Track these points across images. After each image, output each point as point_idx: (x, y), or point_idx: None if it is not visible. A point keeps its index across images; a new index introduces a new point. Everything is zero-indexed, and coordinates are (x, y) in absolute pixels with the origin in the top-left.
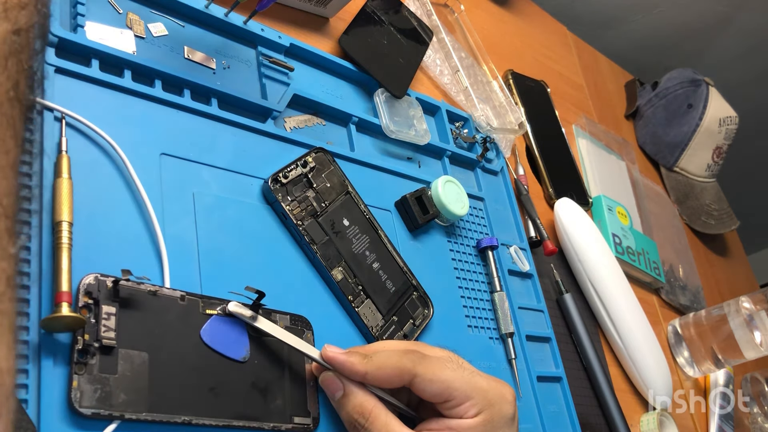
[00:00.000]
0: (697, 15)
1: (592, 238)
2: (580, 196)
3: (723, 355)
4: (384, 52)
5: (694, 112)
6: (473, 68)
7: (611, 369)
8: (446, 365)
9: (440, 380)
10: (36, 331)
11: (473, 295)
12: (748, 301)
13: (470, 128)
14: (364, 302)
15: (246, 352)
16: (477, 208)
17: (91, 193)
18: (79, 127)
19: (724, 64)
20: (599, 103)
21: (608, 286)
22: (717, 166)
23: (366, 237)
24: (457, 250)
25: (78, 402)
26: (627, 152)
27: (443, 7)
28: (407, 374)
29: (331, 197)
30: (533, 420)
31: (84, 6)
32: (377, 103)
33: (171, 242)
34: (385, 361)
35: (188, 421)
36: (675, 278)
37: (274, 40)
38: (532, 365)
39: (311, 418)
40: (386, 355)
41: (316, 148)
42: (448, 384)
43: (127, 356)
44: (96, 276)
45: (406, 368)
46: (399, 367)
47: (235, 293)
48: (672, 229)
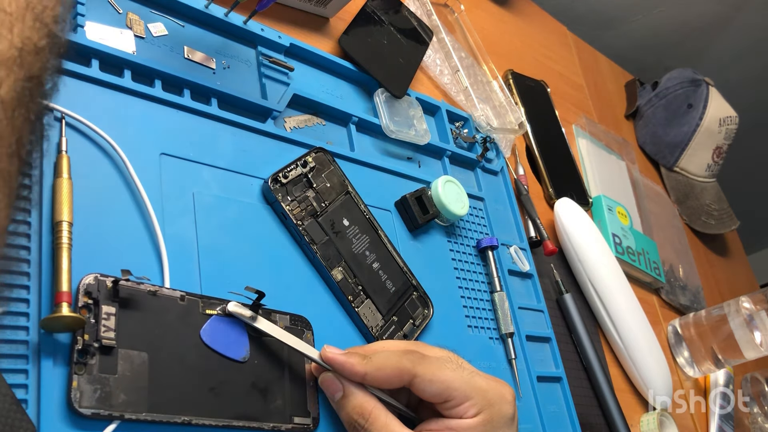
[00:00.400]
0: (697, 15)
1: (592, 238)
2: (580, 196)
3: (723, 355)
4: (384, 52)
5: (694, 112)
6: (473, 68)
7: (611, 369)
8: (446, 365)
9: (440, 380)
10: (36, 331)
11: (473, 295)
12: (748, 301)
13: (470, 128)
14: (364, 302)
15: (246, 352)
16: (477, 208)
17: (91, 193)
18: (79, 127)
19: (724, 64)
20: (599, 103)
21: (608, 286)
22: (717, 166)
23: (366, 237)
24: (457, 250)
25: (78, 402)
26: (627, 152)
27: (443, 7)
28: (407, 374)
29: (331, 197)
30: (533, 420)
31: (84, 6)
32: (377, 103)
33: (171, 242)
34: (384, 362)
35: (188, 422)
36: (675, 278)
37: (274, 40)
38: (532, 365)
39: (311, 418)
40: (386, 355)
41: (316, 148)
42: (448, 384)
43: (127, 356)
44: (96, 276)
45: (405, 369)
46: (399, 367)
47: (234, 293)
48: (672, 229)
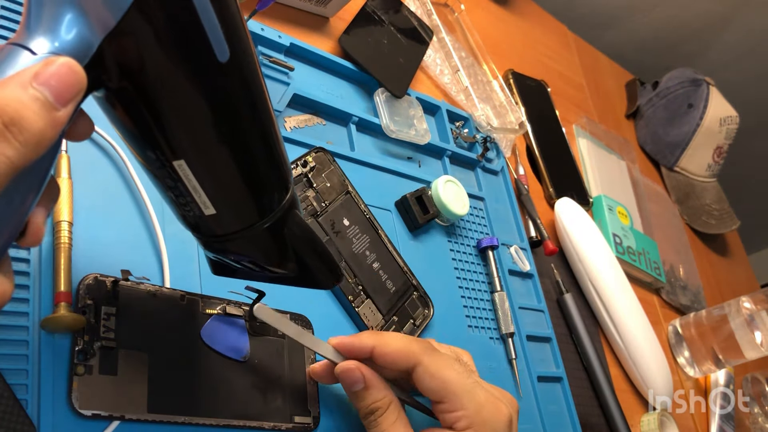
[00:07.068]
0: (697, 15)
1: (592, 238)
2: (580, 196)
3: (723, 355)
4: (384, 52)
5: (695, 111)
6: (473, 68)
7: (612, 369)
8: (452, 365)
9: (440, 377)
10: (36, 331)
11: (473, 295)
12: (749, 301)
13: (470, 128)
14: (364, 302)
15: (246, 352)
16: (477, 208)
17: (91, 193)
18: None
19: (724, 64)
20: (600, 102)
21: (609, 286)
22: (717, 165)
23: (366, 237)
24: (458, 250)
25: (78, 402)
26: (627, 152)
27: (443, 6)
28: (412, 358)
29: (331, 197)
30: (534, 420)
31: None
32: (377, 102)
33: (171, 242)
34: (394, 340)
35: (188, 421)
36: (675, 278)
37: (274, 39)
38: (532, 365)
39: (311, 417)
40: (397, 336)
41: (316, 148)
42: (447, 385)
43: (127, 356)
44: (96, 276)
45: (412, 352)
46: (406, 349)
47: (235, 293)
48: (672, 229)
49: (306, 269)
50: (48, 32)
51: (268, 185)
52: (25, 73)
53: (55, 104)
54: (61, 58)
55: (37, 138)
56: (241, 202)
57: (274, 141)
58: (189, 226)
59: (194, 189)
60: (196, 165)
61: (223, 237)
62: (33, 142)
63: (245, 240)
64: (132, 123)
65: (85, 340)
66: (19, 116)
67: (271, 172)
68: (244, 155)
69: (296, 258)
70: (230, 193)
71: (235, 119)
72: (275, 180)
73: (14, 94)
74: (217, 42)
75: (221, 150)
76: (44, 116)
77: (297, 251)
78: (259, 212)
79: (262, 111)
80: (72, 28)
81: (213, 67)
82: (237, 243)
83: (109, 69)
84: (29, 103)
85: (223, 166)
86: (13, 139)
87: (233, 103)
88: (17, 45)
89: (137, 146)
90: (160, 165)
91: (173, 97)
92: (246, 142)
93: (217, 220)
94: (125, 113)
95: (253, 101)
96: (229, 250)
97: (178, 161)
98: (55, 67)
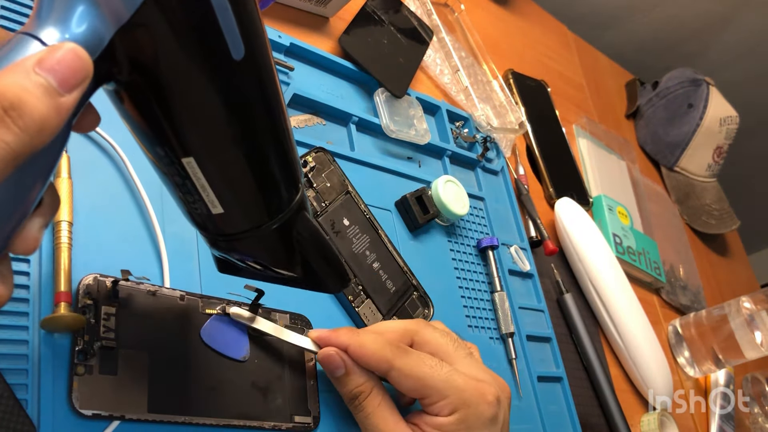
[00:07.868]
0: (697, 15)
1: (592, 238)
2: (580, 196)
3: (723, 355)
4: (384, 52)
5: (695, 111)
6: (473, 68)
7: (612, 369)
8: (424, 361)
9: (416, 377)
10: (36, 331)
11: (473, 295)
12: (749, 301)
13: (470, 128)
14: (364, 302)
15: (246, 352)
16: (477, 208)
17: (91, 193)
18: None
19: (724, 64)
20: (599, 102)
21: (609, 286)
22: (717, 165)
23: (366, 237)
24: (458, 250)
25: (78, 402)
26: (627, 152)
27: (443, 6)
28: (384, 363)
29: (331, 197)
30: (534, 420)
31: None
32: (377, 102)
33: (171, 242)
34: (368, 343)
35: (188, 421)
36: (675, 278)
37: (274, 39)
38: (532, 365)
39: (312, 417)
40: (373, 338)
41: (316, 148)
42: (424, 382)
43: (127, 356)
44: (96, 276)
45: (384, 358)
46: (379, 354)
47: (234, 293)
48: (672, 229)
49: (313, 272)
50: (59, 23)
51: (277, 186)
52: (28, 60)
53: (59, 90)
54: (66, 44)
55: (38, 124)
56: (250, 202)
57: (287, 141)
58: (196, 224)
59: (202, 187)
60: (206, 163)
61: (231, 236)
62: (35, 128)
63: (253, 240)
64: (141, 118)
65: (85, 340)
66: (20, 101)
67: (281, 172)
68: (255, 155)
69: (303, 261)
70: (239, 193)
71: (248, 119)
72: (285, 181)
73: (16, 79)
74: (233, 39)
75: (231, 149)
76: (47, 102)
77: (305, 254)
78: (268, 213)
79: (275, 111)
80: (84, 20)
81: (227, 65)
82: (244, 243)
83: (120, 62)
84: (32, 88)
85: (233, 165)
86: (12, 124)
87: (246, 102)
88: (27, 34)
89: (146, 141)
90: (168, 162)
91: (185, 93)
92: (257, 142)
93: (224, 219)
94: (135, 107)
95: (266, 100)
96: (235, 250)
97: (187, 158)
98: (60, 53)
